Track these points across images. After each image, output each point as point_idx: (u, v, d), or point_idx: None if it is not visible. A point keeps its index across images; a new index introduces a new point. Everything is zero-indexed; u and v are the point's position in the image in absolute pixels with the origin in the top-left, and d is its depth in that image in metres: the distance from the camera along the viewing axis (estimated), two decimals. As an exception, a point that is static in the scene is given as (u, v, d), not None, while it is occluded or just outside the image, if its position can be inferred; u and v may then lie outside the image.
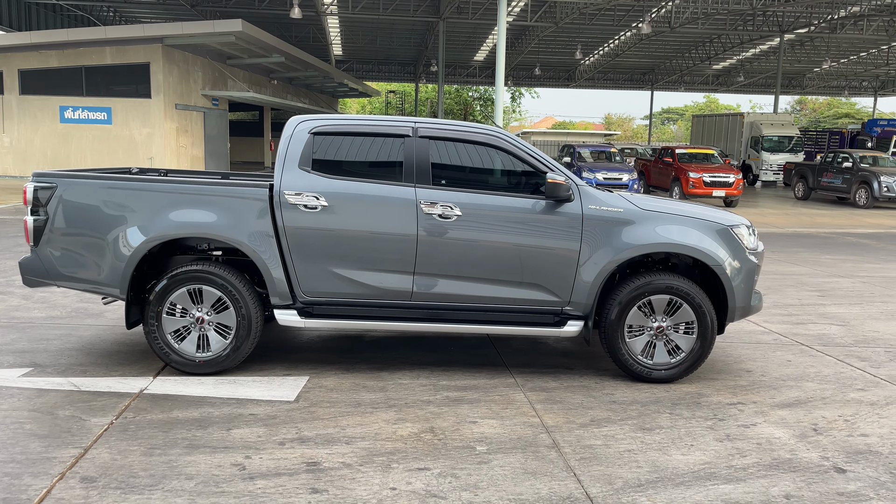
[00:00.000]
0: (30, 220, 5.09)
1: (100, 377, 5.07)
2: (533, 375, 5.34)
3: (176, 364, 5.13)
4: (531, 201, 5.12)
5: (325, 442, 4.07)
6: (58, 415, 4.37)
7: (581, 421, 4.45)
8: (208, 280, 5.06)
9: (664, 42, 40.49)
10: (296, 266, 5.12)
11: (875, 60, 44.40)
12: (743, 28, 36.05)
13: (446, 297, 5.17)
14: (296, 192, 5.08)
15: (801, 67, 46.42)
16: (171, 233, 5.04)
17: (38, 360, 5.40)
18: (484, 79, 49.79)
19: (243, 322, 5.10)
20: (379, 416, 4.48)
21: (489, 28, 38.88)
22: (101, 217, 5.08)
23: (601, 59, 44.60)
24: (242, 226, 5.06)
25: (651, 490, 3.56)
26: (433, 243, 5.08)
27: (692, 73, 47.32)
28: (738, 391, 5.07)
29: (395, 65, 49.05)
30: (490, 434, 4.22)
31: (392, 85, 54.21)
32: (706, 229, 5.16)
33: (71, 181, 5.11)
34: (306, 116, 5.33)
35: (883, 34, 35.94)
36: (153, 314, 5.08)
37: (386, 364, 5.53)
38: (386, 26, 38.80)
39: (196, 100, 26.25)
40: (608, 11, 33.64)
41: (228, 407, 4.57)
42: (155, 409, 4.49)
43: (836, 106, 67.29)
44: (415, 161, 5.16)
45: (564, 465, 3.82)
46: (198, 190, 5.11)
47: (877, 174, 21.77)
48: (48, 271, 5.15)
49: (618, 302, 5.10)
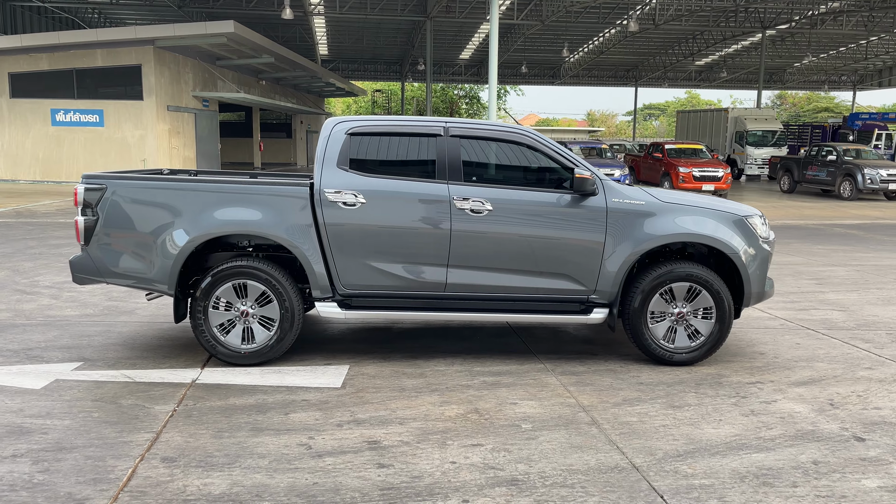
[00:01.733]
0: (81, 220, 5.31)
1: (150, 369, 5.30)
2: (560, 361, 5.64)
3: (222, 356, 5.37)
4: (558, 196, 5.42)
5: (379, 423, 4.34)
6: (121, 404, 4.60)
7: (614, 401, 4.76)
8: (253, 275, 5.30)
9: (648, 39, 41.00)
10: (336, 260, 5.38)
11: (854, 55, 45.23)
12: (725, 24, 36.63)
13: (478, 287, 5.46)
14: (335, 190, 5.34)
15: (782, 63, 47.18)
16: (217, 230, 5.28)
17: (86, 355, 5.62)
18: (470, 77, 50.11)
19: (286, 314, 5.35)
20: (424, 399, 4.75)
21: (475, 26, 39.19)
22: (149, 216, 5.31)
23: (585, 57, 45.06)
24: (285, 223, 5.31)
25: (690, 459, 3.87)
26: (465, 237, 5.36)
27: (675, 69, 47.94)
28: (755, 371, 5.40)
29: (381, 64, 49.23)
30: (531, 413, 4.51)
31: (378, 84, 54.38)
32: (724, 220, 5.48)
33: (120, 182, 5.33)
34: (342, 118, 5.59)
35: (862, 29, 36.67)
36: (200, 308, 5.32)
37: (419, 353, 5.81)
38: (372, 26, 39.01)
39: (187, 101, 26.32)
40: (593, 9, 34.07)
41: (281, 394, 4.83)
42: (212, 398, 4.74)
43: (816, 100, 68.32)
44: (447, 159, 5.44)
45: (606, 439, 4.12)
46: (242, 189, 5.35)
47: (860, 167, 22.33)
48: (98, 269, 5.38)
49: (641, 290, 5.41)
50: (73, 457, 3.81)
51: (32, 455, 3.82)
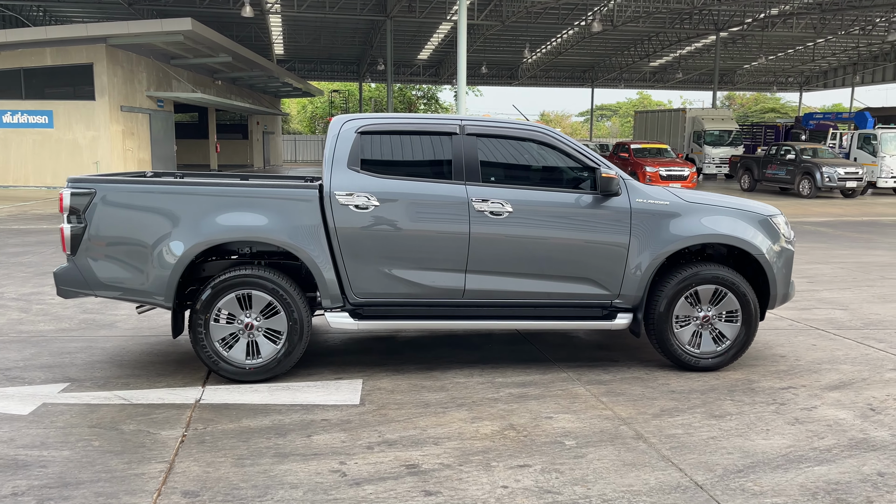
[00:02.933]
0: (66, 227, 4.85)
1: (145, 389, 4.88)
2: (582, 369, 5.40)
3: (225, 372, 4.97)
4: (581, 196, 5.17)
5: (412, 444, 4.02)
6: (123, 430, 4.18)
7: (652, 411, 4.53)
8: (259, 285, 4.92)
9: (605, 40, 41.34)
10: (347, 267, 5.04)
11: (801, 57, 46.42)
12: (680, 26, 37.13)
13: (497, 293, 5.18)
14: (347, 192, 5.00)
15: (734, 64, 48.14)
16: (220, 237, 4.89)
17: (72, 375, 5.15)
18: (428, 77, 49.83)
19: (295, 326, 4.98)
20: (453, 415, 4.45)
21: (434, 26, 38.93)
22: (144, 222, 4.88)
23: (543, 58, 45.22)
24: (294, 228, 4.95)
25: (752, 475, 3.65)
26: (485, 240, 5.08)
27: (630, 70, 48.48)
28: (783, 376, 5.25)
29: (338, 64, 48.58)
30: (571, 428, 4.25)
31: (335, 84, 53.64)
32: (749, 220, 5.32)
33: (110, 186, 4.89)
34: (351, 116, 5.26)
35: (811, 31, 37.59)
36: (201, 322, 4.91)
37: (433, 364, 5.50)
38: (330, 25, 38.39)
39: (141, 101, 25.44)
40: (553, 10, 34.14)
41: (296, 413, 4.46)
42: (223, 420, 4.35)
43: (763, 101, 70.02)
44: (464, 158, 5.15)
45: (658, 455, 3.88)
46: (246, 192, 4.97)
47: (819, 165, 22.78)
48: (87, 281, 4.92)
49: (666, 293, 5.20)
50: (82, 493, 3.40)
51: (35, 493, 3.39)
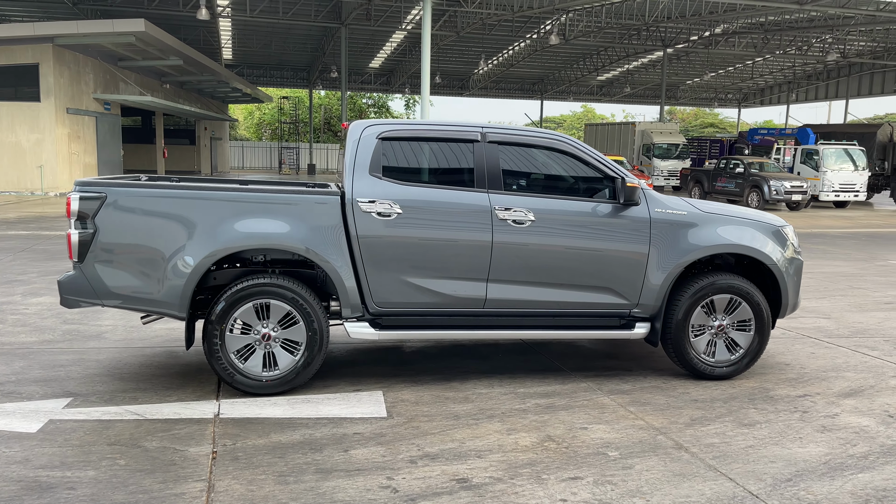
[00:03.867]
0: (74, 233, 4.59)
1: (156, 403, 4.64)
2: (599, 378, 5.39)
3: (240, 385, 4.77)
4: (601, 205, 5.17)
5: (455, 457, 3.92)
6: (146, 447, 3.95)
7: (683, 421, 4.54)
8: (278, 294, 4.75)
9: (555, 53, 41.98)
10: (368, 276, 4.91)
11: (741, 74, 48.08)
12: (629, 42, 38.00)
13: (518, 303, 5.13)
14: (369, 199, 4.88)
15: (677, 80, 49.50)
16: (238, 244, 4.70)
17: (72, 389, 4.87)
18: (379, 86, 49.65)
19: (314, 337, 4.83)
20: (487, 427, 4.36)
21: (388, 35, 38.86)
22: (158, 229, 4.66)
23: (495, 69, 45.61)
24: (315, 235, 4.80)
25: (802, 483, 3.68)
26: (507, 249, 5.02)
27: (579, 83, 49.32)
28: (796, 384, 5.34)
29: (288, 70, 47.96)
30: (609, 439, 4.22)
31: (284, 91, 52.89)
32: (763, 230, 5.41)
33: (122, 190, 4.65)
34: (371, 121, 5.14)
35: (752, 50, 38.98)
36: (216, 333, 4.71)
37: (449, 374, 5.40)
38: (282, 31, 37.90)
39: (88, 104, 24.59)
40: (507, 22, 34.48)
41: (325, 427, 4.31)
42: (250, 435, 4.16)
43: (702, 116, 72.20)
44: (486, 166, 5.09)
45: (704, 465, 3.88)
46: (266, 198, 4.79)
47: (766, 178, 23.57)
48: (95, 290, 4.66)
49: (683, 303, 5.24)
50: (123, 517, 3.19)
51: (73, 518, 3.17)
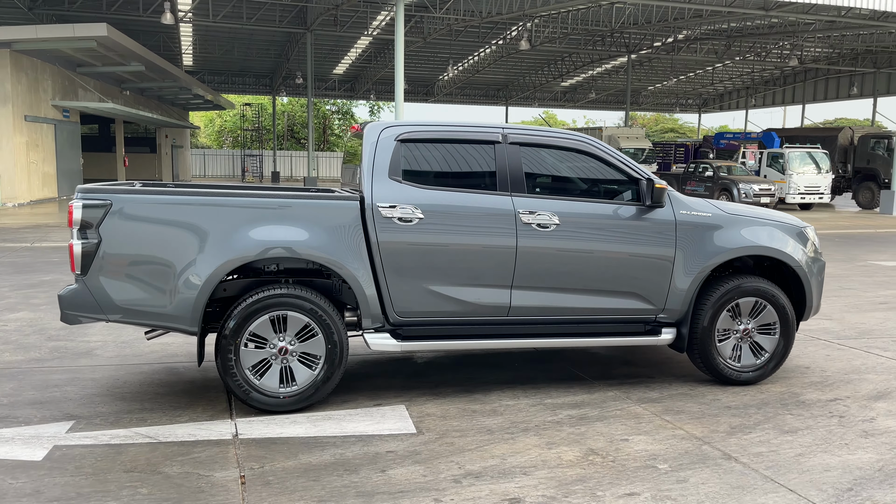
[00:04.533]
0: (77, 244, 4.26)
1: (167, 425, 4.33)
2: (624, 386, 5.23)
3: (256, 403, 4.49)
4: (626, 208, 5.02)
5: (500, 475, 3.70)
6: (167, 473, 3.65)
7: (723, 429, 4.39)
8: (296, 305, 4.48)
9: (521, 59, 42.06)
10: (389, 284, 4.68)
11: (702, 80, 48.82)
12: (593, 48, 38.27)
13: (543, 310, 4.94)
14: (390, 204, 4.65)
15: (639, 85, 50.04)
16: (253, 253, 4.42)
17: (73, 412, 4.53)
18: (343, 92, 49.18)
19: (334, 350, 4.57)
20: (524, 441, 4.16)
21: (353, 41, 38.50)
22: (167, 238, 4.36)
23: (460, 75, 45.54)
24: (335, 242, 4.55)
25: (863, 492, 3.55)
26: (532, 254, 4.84)
27: (543, 89, 49.53)
28: (823, 388, 5.25)
29: (251, 77, 47.16)
30: (654, 451, 4.05)
31: (246, 97, 52.06)
32: (788, 232, 5.32)
33: (128, 198, 4.34)
34: (388, 122, 4.91)
35: (713, 56, 39.57)
36: (231, 347, 4.42)
37: (470, 385, 5.19)
38: (244, 36, 37.25)
39: (46, 111, 23.79)
40: (473, 28, 34.43)
41: (355, 446, 4.05)
42: (277, 456, 3.89)
43: (663, 121, 73.26)
44: (508, 168, 4.90)
45: (759, 475, 3.73)
46: (282, 204, 4.53)
47: (735, 182, 23.89)
48: (100, 304, 4.33)
49: (709, 307, 5.11)
50: (159, 554, 2.90)
51: (104, 557, 2.87)
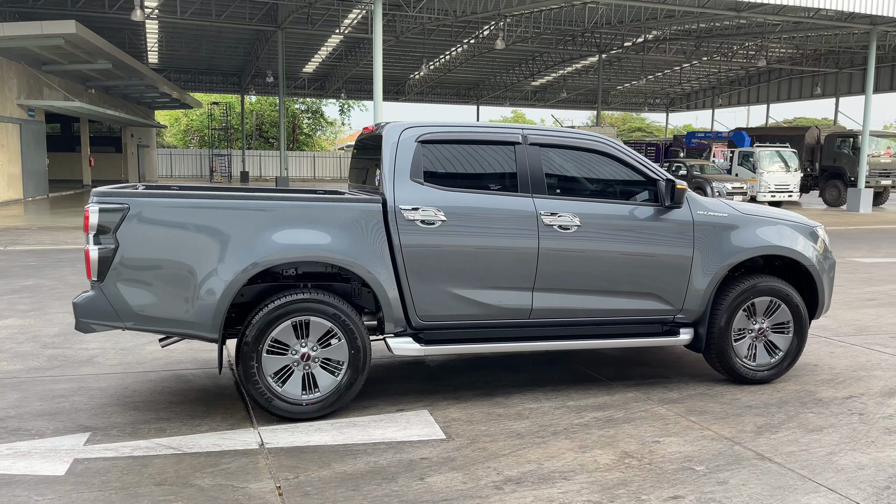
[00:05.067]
0: (93, 249, 4.11)
1: (187, 435, 4.20)
2: (642, 387, 5.22)
3: (278, 410, 4.39)
4: (645, 208, 5.02)
5: (540, 480, 3.66)
6: (200, 486, 3.54)
7: (750, 429, 4.41)
8: (319, 310, 4.39)
9: (492, 58, 42.14)
10: (412, 288, 4.60)
11: (670, 80, 49.45)
12: (564, 48, 38.51)
13: (564, 312, 4.92)
14: (412, 206, 4.58)
15: (609, 85, 50.48)
16: (277, 257, 4.32)
17: (87, 423, 4.38)
18: (313, 91, 48.75)
19: (357, 355, 4.49)
20: (557, 445, 4.12)
21: (323, 39, 38.20)
22: (187, 242, 4.23)
23: (431, 74, 45.48)
24: (358, 246, 4.46)
25: (901, 489, 3.60)
26: (554, 256, 4.81)
27: (514, 88, 49.70)
28: (836, 385, 5.31)
29: (218, 75, 46.48)
30: (687, 452, 4.04)
31: (213, 96, 51.31)
32: (801, 231, 5.37)
33: (147, 201, 4.20)
34: (407, 123, 4.84)
35: (681, 56, 40.10)
36: (252, 354, 4.31)
37: (488, 388, 5.14)
38: (212, 34, 36.69)
39: (11, 110, 23.14)
40: (445, 27, 34.39)
41: (387, 453, 3.98)
42: (310, 466, 3.79)
43: (630, 121, 74.06)
44: (528, 170, 4.86)
45: (797, 475, 3.74)
46: (304, 207, 4.43)
47: (709, 180, 24.22)
48: (117, 312, 4.19)
49: (726, 307, 5.13)
50: (211, 572, 2.80)
51: (156, 577, 2.75)
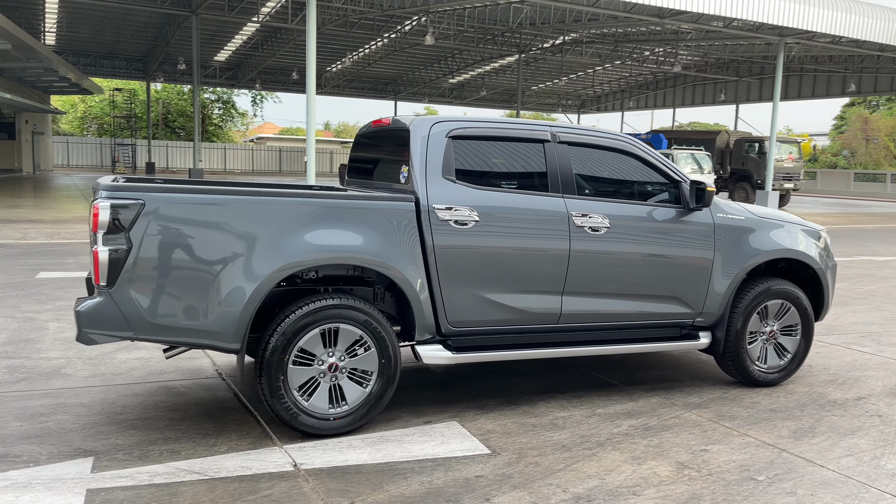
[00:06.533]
0: (103, 250, 3.61)
1: (206, 457, 3.78)
2: (661, 392, 5.14)
3: (304, 426, 4.02)
4: (670, 210, 4.94)
5: (609, 497, 3.47)
6: (249, 517, 3.16)
7: (786, 434, 4.38)
8: (349, 317, 4.04)
9: (412, 54, 41.86)
10: (443, 292, 4.33)
11: (583, 82, 50.65)
12: (484, 46, 38.70)
13: (591, 316, 4.77)
14: (446, 206, 4.30)
15: (524, 85, 51.19)
16: (307, 259, 3.94)
17: (83, 445, 3.87)
18: (225, 80, 46.97)
19: (388, 364, 4.17)
20: (608, 457, 3.95)
21: (238, 27, 36.89)
22: (209, 243, 3.80)
23: (349, 68, 44.72)
24: (392, 247, 4.15)
25: (960, 493, 3.63)
26: (583, 258, 4.64)
27: (432, 85, 49.58)
28: (841, 387, 5.40)
29: (122, 60, 44.00)
30: (739, 461, 3.96)
31: (116, 82, 48.45)
32: (809, 234, 5.42)
33: (165, 196, 3.72)
34: (435, 118, 4.55)
35: (597, 59, 41.10)
36: (279, 366, 3.92)
37: (510, 396, 4.92)
38: (118, 16, 34.71)
39: None
40: (368, 20, 33.85)
41: (436, 472, 3.69)
42: (361, 489, 3.46)
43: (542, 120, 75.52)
44: (559, 169, 4.67)
45: (857, 483, 3.71)
46: (335, 205, 4.06)
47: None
48: (129, 320, 3.69)
49: (742, 309, 5.12)
50: None
51: None
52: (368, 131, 5.26)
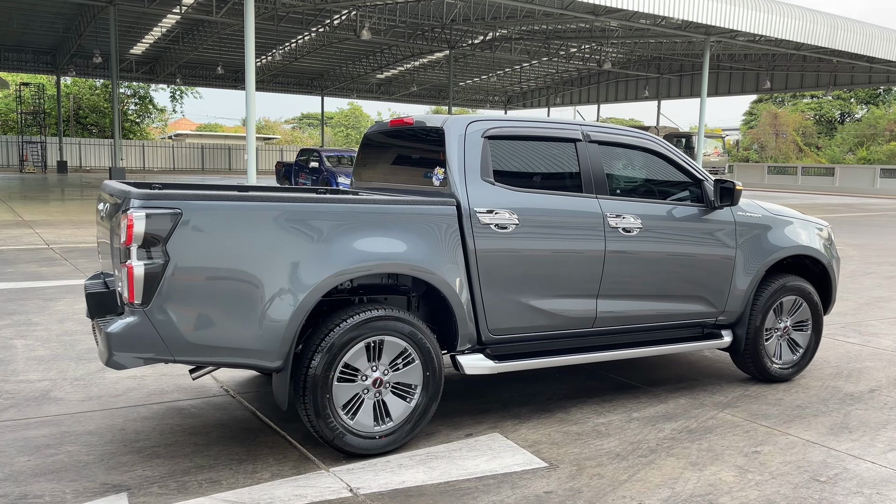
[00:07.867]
0: (138, 265, 3.25)
1: (250, 486, 3.47)
2: (684, 392, 5.11)
3: (350, 447, 3.76)
4: (694, 209, 4.90)
5: (688, 507, 3.39)
6: (329, 555, 2.89)
7: (823, 430, 4.40)
8: (395, 328, 3.81)
9: (340, 49, 41.14)
10: (484, 299, 4.14)
11: (510, 78, 51.07)
12: (414, 42, 38.46)
13: (624, 319, 4.68)
14: (487, 209, 4.12)
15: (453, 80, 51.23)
16: (355, 268, 3.68)
17: (108, 480, 3.49)
18: (142, 74, 44.94)
19: (432, 377, 3.96)
20: (667, 464, 3.86)
21: (157, 19, 35.37)
22: (251, 253, 3.48)
23: (275, 62, 43.61)
24: (435, 254, 3.93)
25: None
26: (618, 260, 4.55)
27: (360, 80, 48.94)
28: (848, 379, 5.50)
29: (29, 52, 41.44)
30: (793, 461, 3.93)
31: (22, 76, 45.64)
32: (818, 231, 5.50)
33: (202, 204, 3.38)
34: (472, 117, 4.35)
35: (525, 55, 41.50)
36: (324, 384, 3.65)
37: (539, 402, 4.79)
38: (26, 6, 32.67)
39: None
40: (296, 14, 33.04)
41: (503, 490, 3.51)
42: (436, 514, 3.25)
43: (466, 116, 75.84)
44: (591, 169, 4.56)
45: (913, 477, 3.77)
46: (379, 210, 3.81)
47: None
48: (167, 342, 3.34)
49: (760, 307, 5.15)
50: None
51: None
52: (383, 130, 5.00)
